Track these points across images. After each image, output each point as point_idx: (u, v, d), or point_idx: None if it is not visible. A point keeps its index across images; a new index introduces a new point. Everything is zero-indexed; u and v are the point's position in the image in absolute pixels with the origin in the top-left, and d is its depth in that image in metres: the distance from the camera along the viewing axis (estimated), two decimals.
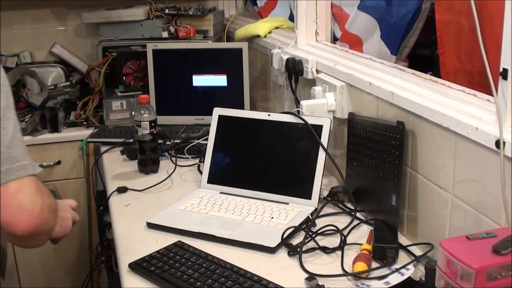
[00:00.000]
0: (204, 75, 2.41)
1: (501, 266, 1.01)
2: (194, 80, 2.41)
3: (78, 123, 2.56)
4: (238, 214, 1.60)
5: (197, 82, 2.41)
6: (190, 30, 2.61)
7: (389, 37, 1.77)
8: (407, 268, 1.29)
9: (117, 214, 1.69)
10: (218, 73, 2.40)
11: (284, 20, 2.55)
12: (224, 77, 2.39)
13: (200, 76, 2.41)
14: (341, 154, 1.79)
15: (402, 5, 1.71)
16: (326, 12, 2.08)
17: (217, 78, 2.40)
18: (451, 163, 1.28)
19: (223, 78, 2.40)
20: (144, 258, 1.38)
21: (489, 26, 1.31)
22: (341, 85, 1.72)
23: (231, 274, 1.29)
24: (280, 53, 2.11)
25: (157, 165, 1.99)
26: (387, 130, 1.47)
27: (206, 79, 2.41)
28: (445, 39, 1.55)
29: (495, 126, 1.14)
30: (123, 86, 2.58)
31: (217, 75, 2.40)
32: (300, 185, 1.66)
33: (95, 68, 2.66)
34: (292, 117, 1.72)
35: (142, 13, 2.61)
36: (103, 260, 2.48)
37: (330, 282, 1.28)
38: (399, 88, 1.48)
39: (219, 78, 2.40)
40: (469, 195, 1.24)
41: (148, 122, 1.92)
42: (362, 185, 1.63)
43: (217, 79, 2.40)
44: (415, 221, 1.45)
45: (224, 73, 2.40)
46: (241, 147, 1.81)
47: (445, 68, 1.56)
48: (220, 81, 2.40)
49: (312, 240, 1.45)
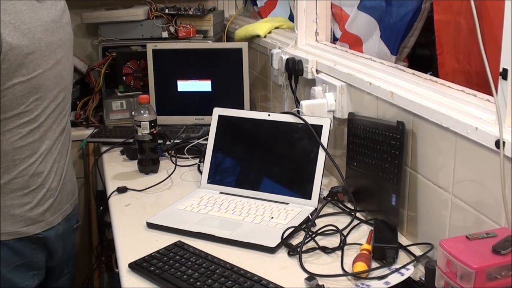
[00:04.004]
0: (204, 75, 2.40)
1: (501, 266, 1.01)
2: (194, 80, 2.41)
3: (78, 123, 2.56)
4: (238, 214, 1.60)
5: (197, 82, 2.41)
6: (190, 30, 2.61)
7: (389, 37, 1.77)
8: (407, 268, 1.29)
9: (117, 214, 1.69)
10: (218, 73, 2.40)
11: (284, 20, 2.55)
12: (224, 78, 2.39)
13: (200, 76, 2.41)
14: (341, 154, 1.79)
15: (402, 5, 1.71)
16: (326, 12, 2.08)
17: (217, 78, 2.40)
18: (451, 163, 1.28)
19: (223, 78, 2.39)
20: (144, 258, 1.38)
21: (488, 26, 1.31)
22: (341, 85, 1.72)
23: (231, 274, 1.29)
24: (280, 53, 2.11)
25: (157, 165, 1.99)
26: (387, 130, 1.47)
27: (206, 80, 2.40)
28: (443, 39, 1.55)
29: (495, 126, 1.14)
30: (123, 86, 2.58)
31: (217, 75, 2.40)
32: (300, 185, 1.66)
33: (95, 68, 2.66)
34: (292, 117, 1.72)
35: (142, 13, 2.61)
36: (103, 260, 2.48)
37: (330, 282, 1.28)
38: (399, 88, 1.48)
39: (219, 78, 2.40)
40: (469, 195, 1.24)
41: (148, 122, 1.93)
42: (362, 185, 1.63)
43: (217, 79, 2.40)
44: (415, 221, 1.45)
45: (224, 74, 2.39)
46: (241, 147, 1.81)
47: (443, 68, 1.56)
48: (220, 81, 2.40)
49: (312, 240, 1.46)
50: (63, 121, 1.74)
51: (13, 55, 1.50)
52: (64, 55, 1.70)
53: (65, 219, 1.78)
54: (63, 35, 1.71)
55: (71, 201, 1.82)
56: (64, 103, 1.73)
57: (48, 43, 1.62)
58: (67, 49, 1.74)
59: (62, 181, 1.74)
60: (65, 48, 1.72)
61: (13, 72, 1.52)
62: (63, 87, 1.71)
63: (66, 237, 1.81)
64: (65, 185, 1.76)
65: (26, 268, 1.69)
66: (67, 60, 1.74)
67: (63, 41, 1.70)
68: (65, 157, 1.77)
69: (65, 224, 1.78)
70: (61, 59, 1.68)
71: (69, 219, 1.81)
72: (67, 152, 1.78)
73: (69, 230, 1.83)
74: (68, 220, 1.80)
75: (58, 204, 1.73)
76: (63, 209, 1.76)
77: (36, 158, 1.64)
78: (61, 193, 1.74)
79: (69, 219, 1.81)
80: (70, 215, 1.82)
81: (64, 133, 1.75)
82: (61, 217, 1.75)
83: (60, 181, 1.73)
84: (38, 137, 1.63)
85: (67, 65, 1.74)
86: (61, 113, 1.72)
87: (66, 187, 1.78)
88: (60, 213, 1.75)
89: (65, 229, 1.79)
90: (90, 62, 2.79)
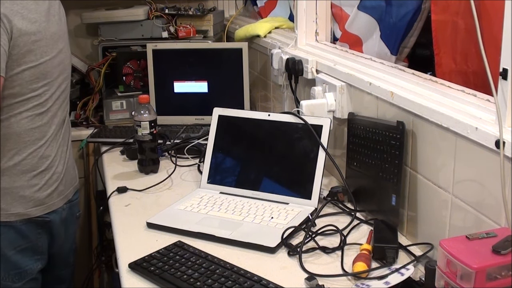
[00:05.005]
0: (204, 75, 2.40)
1: (501, 266, 1.01)
2: (194, 80, 2.41)
3: (78, 123, 2.56)
4: (238, 214, 1.60)
5: (196, 83, 2.41)
6: (190, 30, 2.61)
7: (389, 37, 1.77)
8: (407, 268, 1.29)
9: (117, 214, 1.69)
10: (218, 74, 2.40)
11: (284, 20, 2.55)
12: (224, 78, 2.39)
13: (200, 76, 2.41)
14: (341, 154, 1.79)
15: (402, 5, 1.71)
16: (326, 12, 2.08)
17: (217, 79, 2.40)
18: (451, 163, 1.28)
19: (223, 78, 2.40)
20: (144, 258, 1.38)
21: (487, 27, 1.31)
22: (341, 85, 1.72)
23: (231, 274, 1.29)
24: (280, 53, 2.11)
25: (157, 165, 2.00)
26: (387, 130, 1.47)
27: (205, 80, 2.40)
28: (441, 39, 1.55)
29: (495, 126, 1.14)
30: (123, 86, 2.58)
31: (216, 76, 2.40)
32: (300, 185, 1.66)
33: (95, 68, 2.66)
34: (292, 117, 1.72)
35: (142, 13, 2.61)
36: (103, 260, 2.48)
37: (330, 282, 1.28)
38: (399, 88, 1.48)
39: (219, 78, 2.40)
40: (469, 195, 1.24)
41: (148, 122, 1.93)
42: (362, 185, 1.63)
43: (217, 79, 2.40)
44: (415, 221, 1.45)
45: (224, 74, 2.40)
46: (241, 147, 1.81)
47: (440, 68, 1.56)
48: (220, 82, 2.40)
49: (312, 240, 1.46)
50: (66, 109, 1.88)
51: (22, 41, 1.63)
52: (64, 46, 1.85)
53: (69, 206, 1.89)
54: (62, 27, 1.84)
55: (74, 185, 1.94)
56: (66, 92, 1.87)
57: (52, 33, 1.74)
58: (66, 41, 1.87)
59: (65, 165, 1.86)
60: (65, 40, 1.85)
61: (22, 58, 1.64)
62: (66, 76, 1.84)
63: (69, 224, 1.91)
64: (68, 169, 1.88)
65: (31, 251, 1.78)
66: (67, 50, 1.88)
67: (63, 33, 1.83)
68: (67, 143, 1.89)
69: (68, 210, 1.89)
70: (63, 49, 1.82)
71: (72, 206, 1.92)
72: (68, 139, 1.90)
73: (72, 217, 1.93)
74: (71, 208, 1.92)
75: (63, 187, 1.85)
76: (67, 192, 1.87)
77: (44, 141, 1.76)
78: (65, 177, 1.86)
79: (72, 206, 1.92)
80: (73, 202, 1.94)
81: (66, 121, 1.89)
82: (65, 199, 1.87)
83: (64, 166, 1.85)
84: (46, 121, 1.76)
85: (68, 56, 1.87)
86: (64, 101, 1.86)
87: (69, 171, 1.89)
88: (65, 196, 1.86)
89: (68, 215, 1.89)
90: (90, 62, 2.79)
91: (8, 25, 1.58)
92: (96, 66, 2.65)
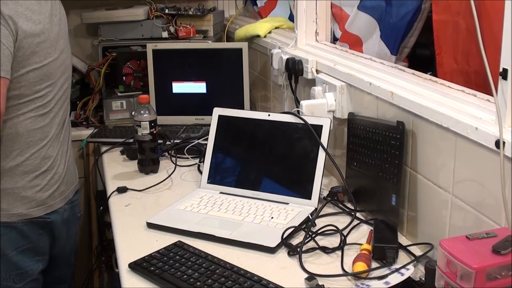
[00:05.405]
0: (204, 75, 2.40)
1: (501, 266, 1.01)
2: (192, 81, 2.41)
3: (78, 123, 2.56)
4: (238, 214, 1.60)
5: (195, 84, 2.41)
6: (190, 30, 2.61)
7: (389, 37, 1.77)
8: (407, 268, 1.29)
9: (117, 214, 1.69)
10: (218, 74, 2.40)
11: (284, 20, 2.55)
12: (224, 78, 2.39)
13: (200, 76, 2.41)
14: (341, 154, 1.79)
15: (402, 5, 1.71)
16: (326, 12, 2.08)
17: (217, 79, 2.40)
18: (451, 163, 1.28)
19: (223, 78, 2.40)
20: (144, 258, 1.38)
21: (488, 27, 1.31)
22: (341, 85, 1.72)
23: (231, 274, 1.29)
24: (280, 53, 2.11)
25: (157, 165, 2.00)
26: (387, 130, 1.47)
27: (203, 81, 2.40)
28: (442, 39, 1.55)
29: (495, 126, 1.14)
30: (123, 86, 2.58)
31: (217, 76, 2.40)
32: (300, 185, 1.66)
33: (95, 68, 2.66)
34: (292, 117, 1.72)
35: (142, 13, 2.61)
36: (103, 260, 2.48)
37: (330, 282, 1.28)
38: (399, 88, 1.48)
39: (219, 78, 2.40)
40: (469, 195, 1.24)
41: (148, 122, 1.93)
42: (362, 185, 1.63)
43: (217, 79, 2.40)
44: (415, 221, 1.45)
45: (224, 74, 2.40)
46: (241, 147, 1.81)
47: (441, 68, 1.56)
48: (220, 82, 2.40)
49: (312, 240, 1.46)
50: (67, 109, 1.89)
51: (27, 43, 1.64)
52: (65, 46, 1.86)
53: (70, 206, 1.90)
54: (63, 27, 1.85)
55: (74, 184, 1.95)
56: (67, 92, 1.88)
57: (55, 34, 1.75)
58: (67, 41, 1.88)
59: (66, 165, 1.87)
60: (66, 40, 1.86)
61: (27, 60, 1.66)
62: (67, 76, 1.85)
63: (70, 224, 1.92)
64: (69, 169, 1.89)
65: (32, 252, 1.79)
66: (68, 51, 1.89)
67: (63, 33, 1.84)
68: (68, 143, 1.89)
69: (70, 211, 1.90)
70: (64, 50, 1.83)
71: (73, 206, 1.92)
72: (68, 139, 1.90)
73: (73, 218, 1.94)
74: (72, 208, 1.93)
75: (64, 187, 1.86)
76: (68, 192, 1.88)
77: (46, 141, 1.77)
78: (66, 177, 1.87)
79: (74, 206, 1.93)
80: (74, 203, 1.95)
81: (66, 121, 1.90)
82: (66, 199, 1.88)
83: (65, 166, 1.86)
84: (48, 121, 1.77)
85: (69, 56, 1.88)
86: (65, 101, 1.87)
87: (70, 172, 1.90)
88: (66, 196, 1.87)
89: (69, 215, 1.90)
90: (90, 62, 2.79)
91: (14, 27, 1.59)
92: (96, 66, 2.65)
